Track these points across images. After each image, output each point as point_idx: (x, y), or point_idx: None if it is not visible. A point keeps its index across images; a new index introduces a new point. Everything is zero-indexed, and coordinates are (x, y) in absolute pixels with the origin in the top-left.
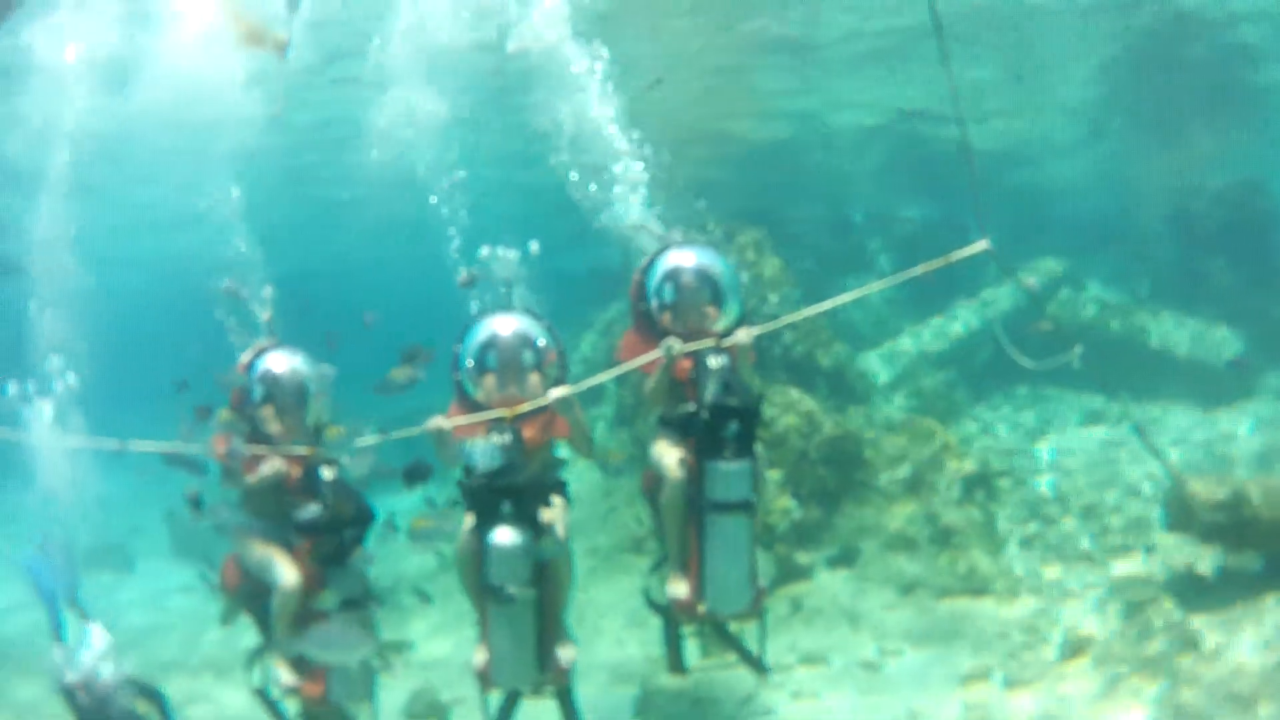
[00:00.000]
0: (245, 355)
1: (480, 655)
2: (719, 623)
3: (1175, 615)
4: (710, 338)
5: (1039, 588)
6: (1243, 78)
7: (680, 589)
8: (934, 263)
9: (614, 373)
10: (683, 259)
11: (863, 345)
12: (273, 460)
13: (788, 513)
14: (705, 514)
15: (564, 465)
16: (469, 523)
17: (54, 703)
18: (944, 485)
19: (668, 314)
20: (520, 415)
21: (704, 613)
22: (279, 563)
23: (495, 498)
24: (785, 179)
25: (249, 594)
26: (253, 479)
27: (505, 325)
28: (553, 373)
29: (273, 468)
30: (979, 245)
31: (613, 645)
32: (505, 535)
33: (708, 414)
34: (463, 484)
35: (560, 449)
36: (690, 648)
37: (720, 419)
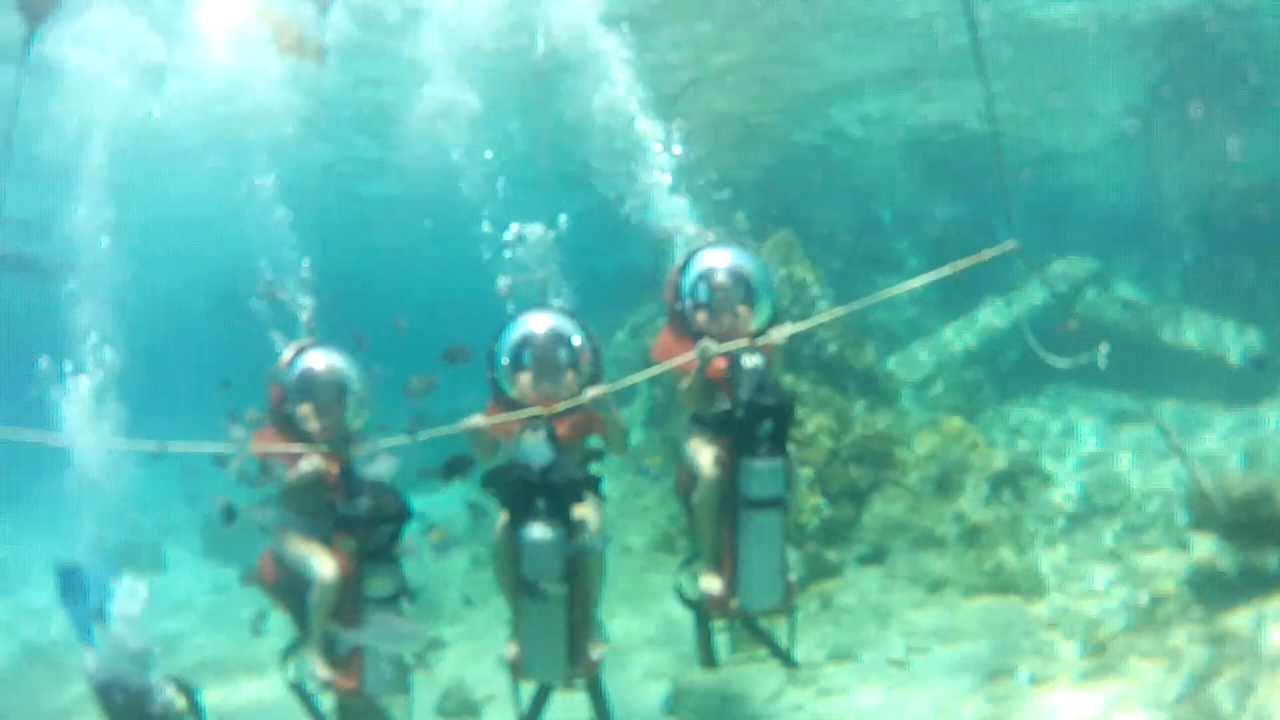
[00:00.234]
0: (285, 354)
1: (512, 648)
2: (750, 618)
3: (1198, 613)
4: (744, 337)
5: (1064, 586)
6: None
7: (714, 584)
8: (962, 262)
9: (650, 373)
10: (717, 259)
11: (893, 345)
12: (311, 457)
13: (818, 511)
14: (739, 510)
15: (599, 459)
16: (503, 519)
17: (90, 709)
18: (972, 484)
19: (702, 313)
20: (556, 413)
21: (737, 608)
22: (318, 556)
23: (530, 494)
24: (814, 179)
25: (285, 588)
26: (292, 476)
27: (540, 323)
28: (588, 371)
29: (311, 464)
30: (1007, 245)
31: (643, 643)
32: (539, 531)
33: (743, 413)
34: (498, 480)
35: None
36: (719, 643)
37: (755, 418)
